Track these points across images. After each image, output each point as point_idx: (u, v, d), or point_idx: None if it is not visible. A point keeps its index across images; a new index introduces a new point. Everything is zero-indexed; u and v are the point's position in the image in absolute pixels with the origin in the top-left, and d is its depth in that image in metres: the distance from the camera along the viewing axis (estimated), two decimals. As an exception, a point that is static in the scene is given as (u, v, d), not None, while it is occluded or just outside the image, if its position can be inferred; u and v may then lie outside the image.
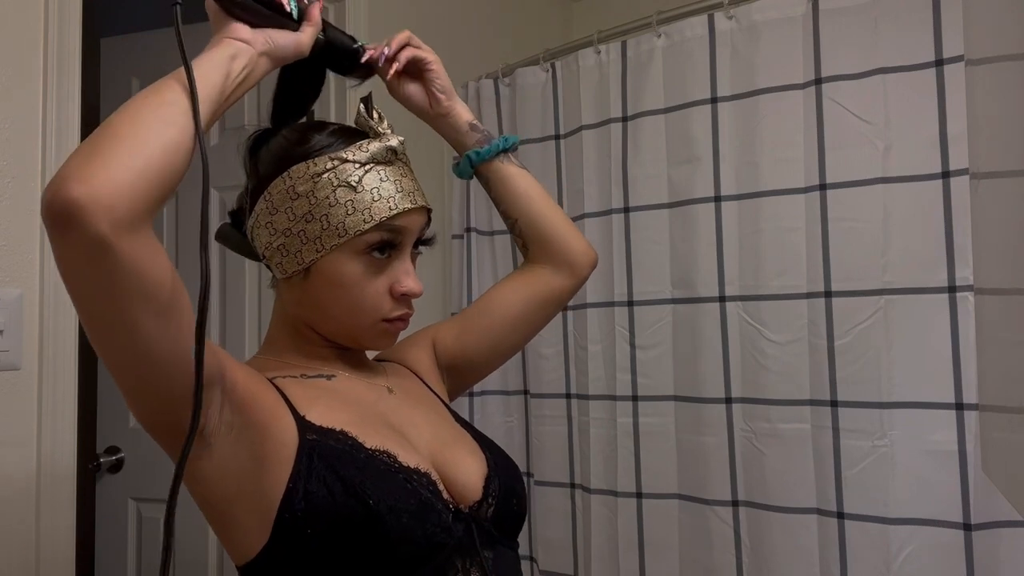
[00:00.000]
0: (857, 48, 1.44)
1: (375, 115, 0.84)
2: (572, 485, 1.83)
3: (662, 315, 1.67)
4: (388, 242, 0.81)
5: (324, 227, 0.78)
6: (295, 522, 0.70)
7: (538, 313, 1.04)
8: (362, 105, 0.84)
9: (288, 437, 0.73)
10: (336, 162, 0.79)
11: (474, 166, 0.99)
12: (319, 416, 0.76)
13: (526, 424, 1.92)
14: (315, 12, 0.79)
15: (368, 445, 0.75)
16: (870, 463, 1.40)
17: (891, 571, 1.37)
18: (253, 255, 0.86)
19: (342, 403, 0.81)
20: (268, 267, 0.85)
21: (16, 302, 1.14)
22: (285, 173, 0.79)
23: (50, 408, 1.17)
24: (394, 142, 0.81)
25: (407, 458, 0.77)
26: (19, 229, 1.15)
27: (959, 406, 1.34)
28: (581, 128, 1.79)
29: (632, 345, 1.71)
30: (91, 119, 1.73)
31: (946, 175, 1.36)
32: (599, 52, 1.77)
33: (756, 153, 1.55)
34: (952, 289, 1.36)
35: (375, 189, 0.79)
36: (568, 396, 1.83)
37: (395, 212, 0.80)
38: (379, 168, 0.80)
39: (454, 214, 2.00)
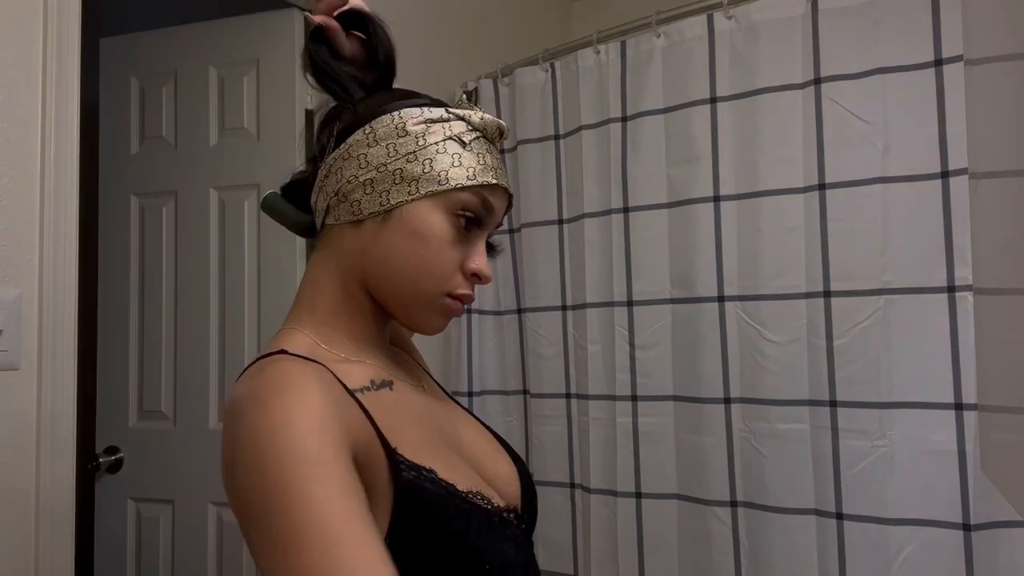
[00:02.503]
0: (856, 48, 1.44)
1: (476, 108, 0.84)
2: (572, 485, 1.83)
3: (661, 315, 1.67)
4: (477, 213, 0.77)
5: (425, 170, 0.74)
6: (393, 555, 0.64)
7: None
8: (464, 96, 0.83)
9: (381, 475, 0.67)
10: (452, 116, 0.77)
11: None
12: (406, 447, 0.70)
13: (526, 424, 1.92)
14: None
15: (461, 488, 0.71)
16: (869, 463, 1.40)
17: (891, 571, 1.37)
18: (297, 225, 0.82)
19: (410, 423, 0.76)
20: (325, 215, 0.78)
21: (15, 302, 1.14)
22: (396, 112, 0.77)
23: (49, 408, 1.17)
24: (503, 125, 0.81)
25: (492, 494, 0.75)
26: (19, 229, 1.15)
27: (958, 406, 1.34)
28: (580, 128, 1.79)
29: (631, 345, 1.71)
30: (90, 119, 1.73)
31: (945, 175, 1.37)
32: (598, 52, 1.77)
33: (755, 153, 1.55)
34: (951, 289, 1.36)
35: (481, 155, 0.77)
36: (568, 396, 1.83)
37: (496, 181, 0.77)
38: (484, 141, 0.79)
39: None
